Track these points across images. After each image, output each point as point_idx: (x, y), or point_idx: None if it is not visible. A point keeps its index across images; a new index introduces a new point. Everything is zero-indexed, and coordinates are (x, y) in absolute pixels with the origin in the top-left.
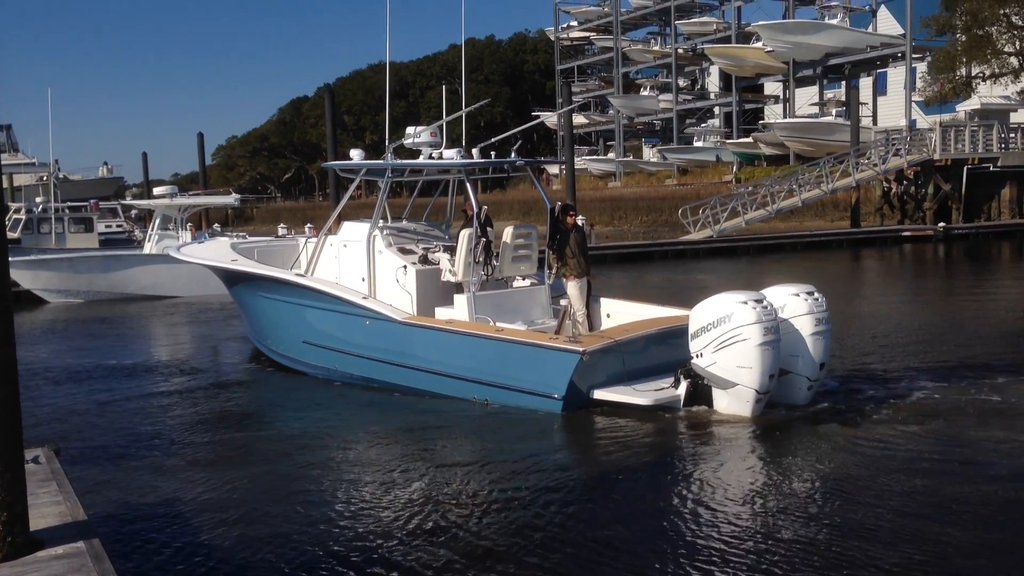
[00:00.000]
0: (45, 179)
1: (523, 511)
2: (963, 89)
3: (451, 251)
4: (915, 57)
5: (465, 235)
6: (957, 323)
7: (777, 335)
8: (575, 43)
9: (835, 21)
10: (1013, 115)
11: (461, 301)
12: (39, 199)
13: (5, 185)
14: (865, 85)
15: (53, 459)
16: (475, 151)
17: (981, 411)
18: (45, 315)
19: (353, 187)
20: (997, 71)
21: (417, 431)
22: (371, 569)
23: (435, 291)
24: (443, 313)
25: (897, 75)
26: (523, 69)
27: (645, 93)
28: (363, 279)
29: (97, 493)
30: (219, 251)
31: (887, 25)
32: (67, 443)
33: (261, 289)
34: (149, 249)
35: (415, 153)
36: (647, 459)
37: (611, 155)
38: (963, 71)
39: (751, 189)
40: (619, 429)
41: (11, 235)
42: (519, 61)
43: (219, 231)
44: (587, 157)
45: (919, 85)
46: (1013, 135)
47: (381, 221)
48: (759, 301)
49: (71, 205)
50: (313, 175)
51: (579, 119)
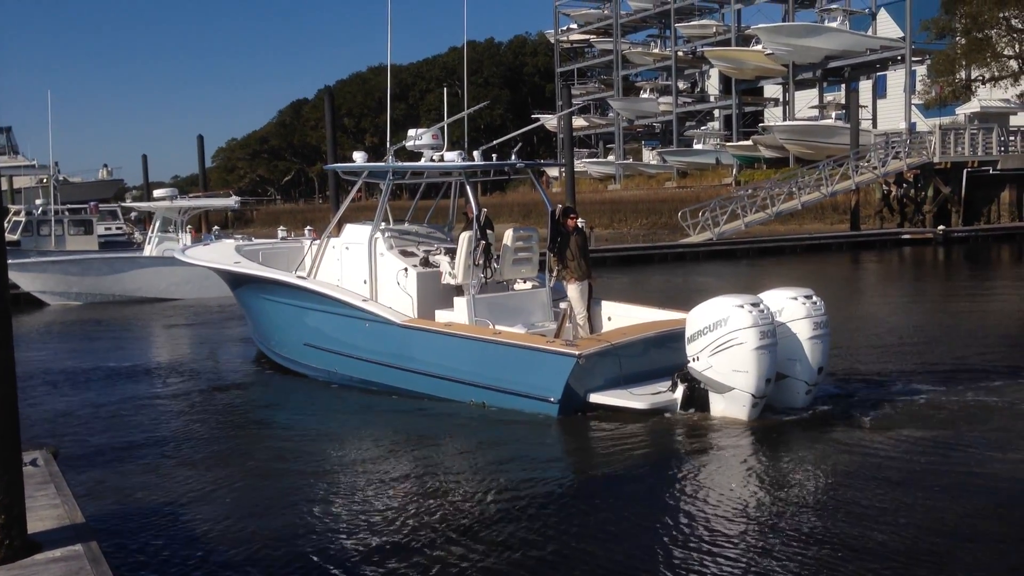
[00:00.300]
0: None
1: (517, 516)
2: (963, 92)
3: (452, 254)
4: (915, 60)
5: (465, 238)
6: (956, 326)
7: (774, 339)
8: (575, 46)
9: (835, 24)
10: (1013, 118)
11: (461, 304)
12: (39, 201)
13: (5, 187)
14: (865, 88)
15: (51, 461)
16: (476, 153)
17: (979, 415)
18: (45, 317)
19: (355, 189)
20: (997, 74)
21: (413, 434)
22: (367, 571)
23: (436, 294)
24: (443, 316)
25: (897, 78)
26: (523, 72)
27: (645, 96)
28: (365, 281)
29: (95, 496)
30: (223, 253)
31: (887, 28)
32: (65, 445)
33: (263, 291)
34: (149, 251)
35: (415, 155)
36: (641, 463)
37: (611, 158)
38: (963, 74)
39: (751, 192)
40: (614, 433)
41: (11, 237)
42: (519, 64)
43: (218, 233)
44: (587, 160)
45: (919, 88)
46: (1013, 138)
47: (383, 223)
48: (755, 305)
49: (71, 207)
50: (313, 177)
51: (579, 122)
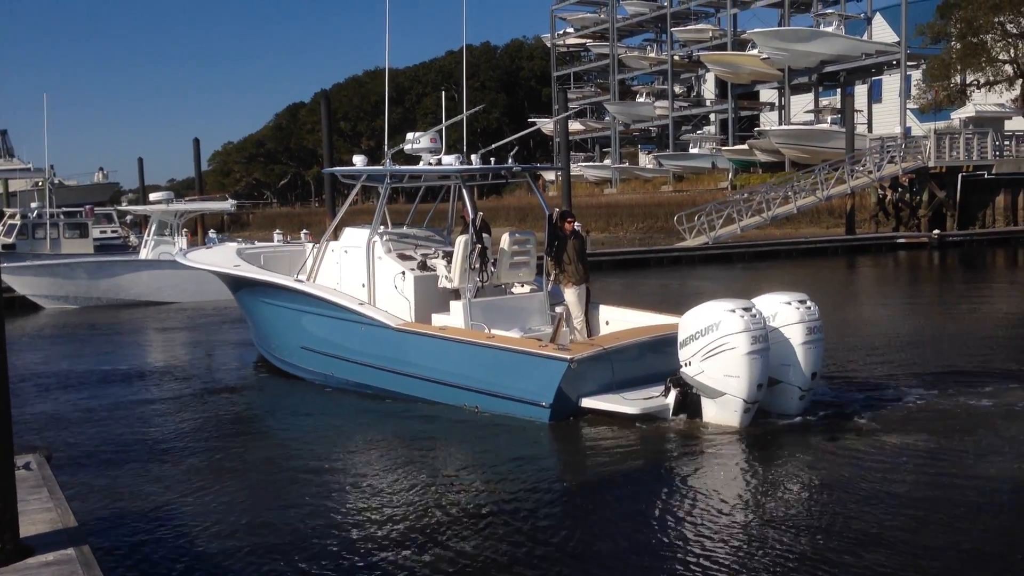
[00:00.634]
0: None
1: (506, 521)
2: (958, 97)
3: (449, 257)
4: (910, 65)
5: (461, 242)
6: (951, 331)
7: (766, 344)
8: (571, 50)
9: (830, 29)
10: (1008, 123)
11: (457, 307)
12: (34, 204)
13: (0, 190)
14: (860, 93)
15: (44, 465)
16: (475, 157)
17: (973, 421)
18: (40, 321)
19: (354, 193)
20: (992, 79)
21: (405, 438)
22: (360, 574)
23: (433, 297)
24: (439, 320)
25: (892, 83)
26: (519, 76)
27: (641, 100)
28: (363, 285)
29: (88, 500)
30: (225, 256)
31: (882, 33)
32: (59, 449)
33: (262, 294)
34: (145, 255)
35: (412, 159)
36: (631, 468)
37: (607, 161)
38: (958, 79)
39: (747, 196)
40: (605, 438)
41: (6, 240)
42: (515, 68)
43: (222, 237)
44: (583, 164)
45: (914, 93)
46: (1007, 143)
47: (381, 227)
48: (747, 309)
49: (66, 210)
50: (309, 181)
51: (575, 126)
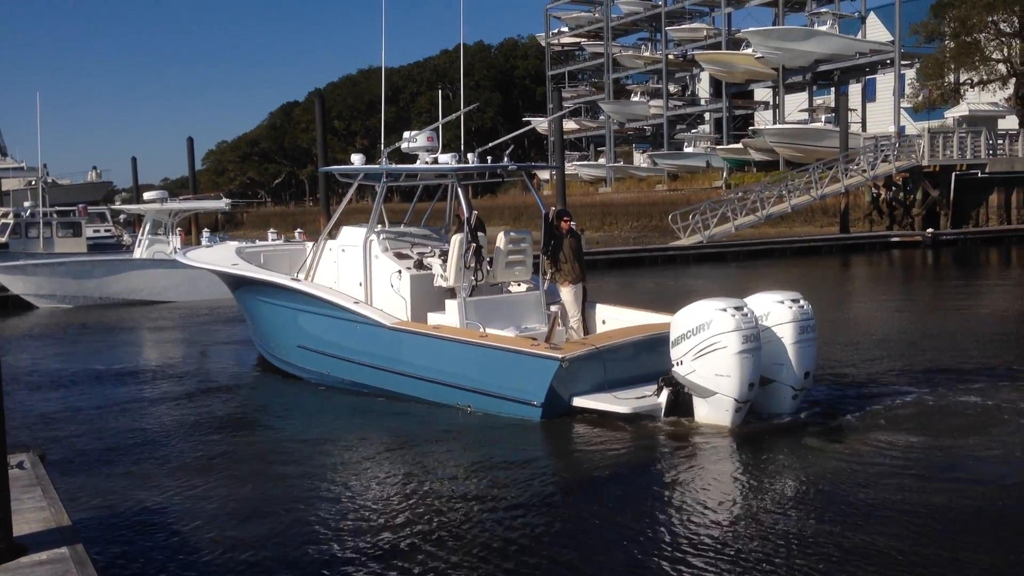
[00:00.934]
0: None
1: (497, 520)
2: (951, 96)
3: (445, 256)
4: (904, 64)
5: (456, 240)
6: (945, 330)
7: (757, 343)
8: (566, 49)
9: (824, 28)
10: (1001, 121)
11: (452, 306)
12: (27, 203)
13: None
14: (854, 91)
15: (38, 464)
16: (471, 156)
17: (966, 419)
18: (34, 320)
19: (351, 192)
20: (985, 78)
21: (397, 437)
22: (351, 573)
23: (430, 296)
24: (435, 318)
25: (886, 82)
26: (514, 75)
27: (636, 99)
28: (360, 284)
29: (82, 499)
30: (224, 255)
31: (876, 32)
32: (52, 448)
33: (259, 293)
34: (139, 254)
35: (408, 158)
36: (621, 468)
37: (601, 160)
38: (951, 78)
39: (741, 195)
40: (597, 438)
41: None
42: (510, 67)
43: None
44: (578, 163)
45: (908, 92)
46: (1001, 141)
47: (379, 226)
48: (739, 308)
49: (59, 209)
50: (303, 180)
51: (570, 124)
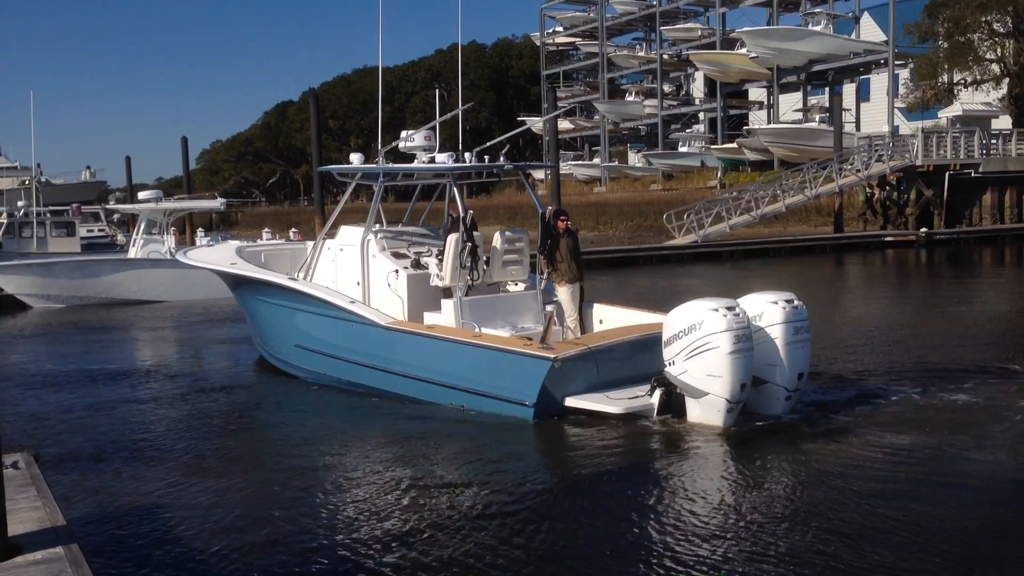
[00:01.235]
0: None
1: (488, 520)
2: (945, 96)
3: (442, 255)
4: (898, 64)
5: (452, 240)
6: (938, 329)
7: (749, 344)
8: (560, 48)
9: (819, 28)
10: (994, 121)
11: (448, 306)
12: (21, 203)
13: None
14: (848, 91)
15: (33, 464)
16: (468, 155)
17: (959, 419)
18: (27, 320)
19: (349, 190)
20: (979, 78)
21: (391, 438)
22: (344, 572)
23: (427, 296)
24: (431, 318)
25: (880, 82)
26: (508, 74)
27: (630, 98)
28: (358, 283)
29: (77, 498)
30: (225, 255)
31: (870, 32)
32: (47, 448)
33: (258, 293)
34: (134, 253)
35: (403, 157)
36: (614, 468)
37: (596, 160)
38: (945, 78)
39: (735, 194)
40: (589, 438)
41: None
42: (504, 66)
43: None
44: (572, 162)
45: (902, 92)
46: (994, 141)
47: (376, 225)
48: (731, 308)
49: (53, 209)
50: (298, 179)
51: (564, 124)
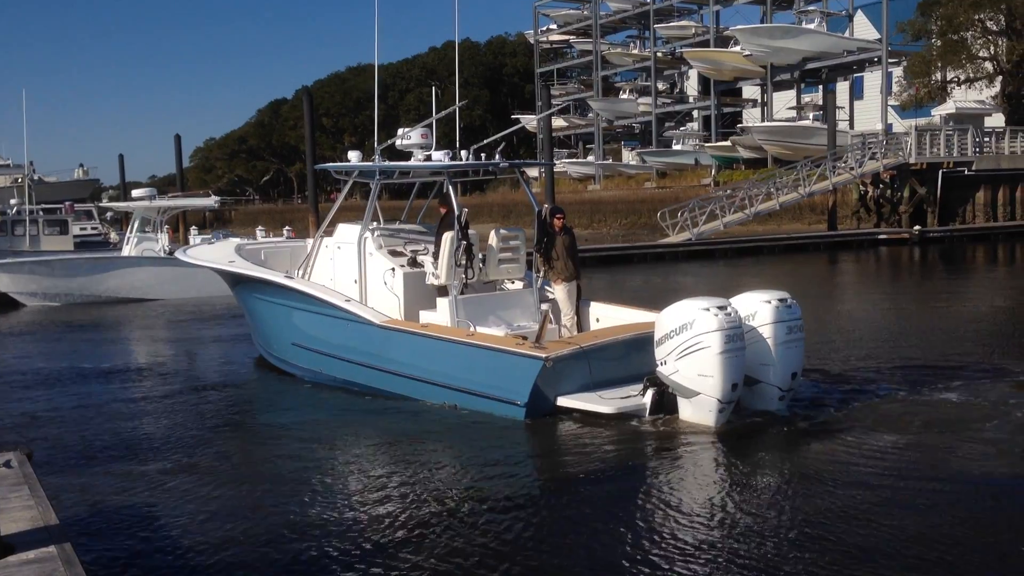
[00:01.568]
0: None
1: (479, 520)
2: (938, 93)
3: (437, 254)
4: (891, 62)
5: (447, 238)
6: (931, 327)
7: (741, 343)
8: (554, 46)
9: (812, 26)
10: (988, 119)
11: (443, 304)
12: (13, 201)
13: None
14: (842, 89)
15: (25, 463)
16: (464, 153)
17: (953, 417)
18: (20, 318)
19: (347, 188)
20: (972, 76)
21: (383, 437)
22: (338, 571)
23: (423, 294)
24: (427, 317)
25: (873, 79)
26: (502, 72)
27: (624, 96)
28: (355, 281)
29: (70, 498)
30: (224, 252)
31: (863, 30)
32: (40, 447)
33: (256, 291)
34: (128, 251)
35: (398, 155)
36: (605, 468)
37: (590, 158)
38: (938, 76)
39: (729, 192)
40: (581, 438)
41: None
42: (498, 64)
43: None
44: (566, 160)
45: (895, 89)
46: (987, 139)
47: (374, 223)
48: (722, 308)
49: (46, 207)
50: (292, 177)
51: (558, 122)
